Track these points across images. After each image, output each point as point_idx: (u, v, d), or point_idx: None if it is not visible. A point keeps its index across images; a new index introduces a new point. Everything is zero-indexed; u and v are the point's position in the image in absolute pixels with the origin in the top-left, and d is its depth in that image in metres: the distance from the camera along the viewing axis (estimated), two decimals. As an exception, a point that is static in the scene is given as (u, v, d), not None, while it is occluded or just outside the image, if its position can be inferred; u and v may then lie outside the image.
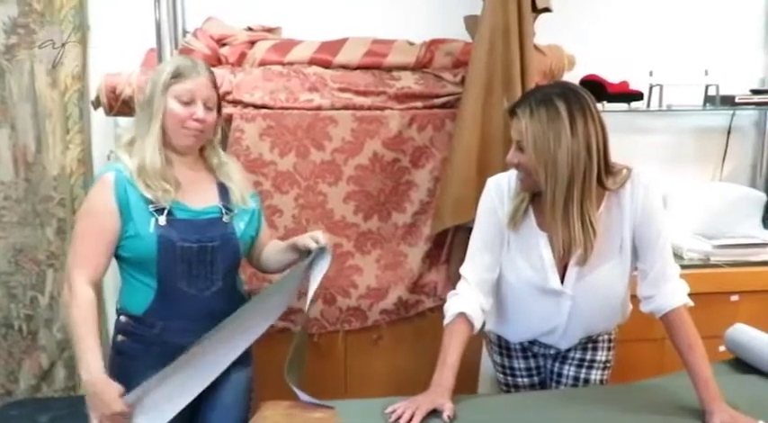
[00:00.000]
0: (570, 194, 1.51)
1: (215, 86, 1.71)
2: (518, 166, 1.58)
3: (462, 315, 1.64)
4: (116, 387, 1.55)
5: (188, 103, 1.64)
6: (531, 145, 1.51)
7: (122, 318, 1.69)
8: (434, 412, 1.51)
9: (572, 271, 1.64)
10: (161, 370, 1.58)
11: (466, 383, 1.89)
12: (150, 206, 1.61)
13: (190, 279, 1.65)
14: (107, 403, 1.54)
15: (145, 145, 1.63)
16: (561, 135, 1.49)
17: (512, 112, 1.57)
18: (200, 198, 1.69)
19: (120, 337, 1.70)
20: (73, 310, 1.57)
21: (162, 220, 1.61)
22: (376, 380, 2.40)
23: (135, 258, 1.63)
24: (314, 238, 1.72)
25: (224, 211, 1.70)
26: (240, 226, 1.73)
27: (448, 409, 1.51)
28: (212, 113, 1.69)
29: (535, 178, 1.54)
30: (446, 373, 1.58)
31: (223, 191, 1.74)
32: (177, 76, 1.63)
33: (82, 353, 1.56)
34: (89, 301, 1.58)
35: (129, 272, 1.67)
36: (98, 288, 1.63)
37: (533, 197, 1.64)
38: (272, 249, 1.86)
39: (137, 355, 1.67)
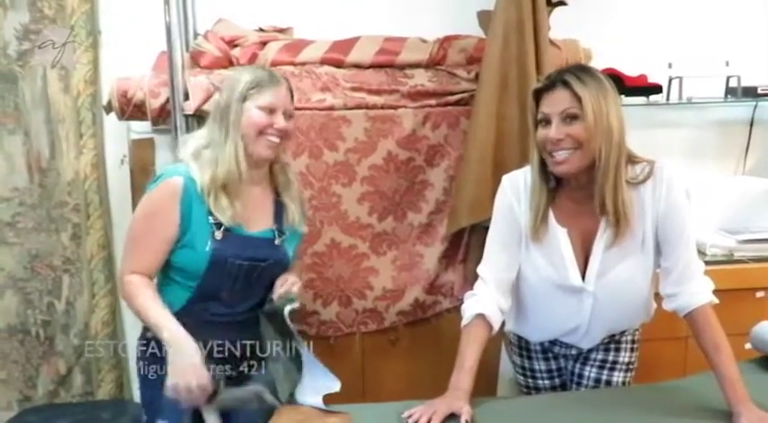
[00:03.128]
0: (620, 162, 1.51)
1: (293, 96, 1.69)
2: (563, 142, 1.51)
3: (480, 316, 1.61)
4: (196, 345, 1.51)
5: (269, 112, 1.61)
6: (590, 110, 1.48)
7: None
8: (452, 416, 1.48)
9: (593, 267, 1.61)
10: None
11: (484, 386, 1.86)
12: (211, 218, 1.59)
13: (232, 291, 1.63)
14: (188, 354, 1.49)
15: (220, 156, 1.59)
16: (609, 100, 1.50)
17: (550, 85, 1.54)
18: (257, 221, 1.67)
19: (150, 333, 1.65)
20: (136, 300, 1.56)
21: (218, 234, 1.58)
22: (394, 382, 2.38)
23: (183, 266, 1.61)
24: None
25: (277, 233, 1.69)
26: (289, 251, 1.71)
27: (466, 412, 1.48)
28: (291, 122, 1.67)
29: (587, 148, 1.49)
30: (464, 375, 1.55)
31: (279, 211, 1.72)
32: (256, 85, 1.61)
33: (157, 321, 1.53)
34: (144, 284, 1.57)
35: (170, 273, 1.64)
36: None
37: (551, 195, 1.60)
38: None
39: (162, 354, 1.61)
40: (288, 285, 1.66)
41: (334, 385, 1.65)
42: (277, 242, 1.68)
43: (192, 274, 1.61)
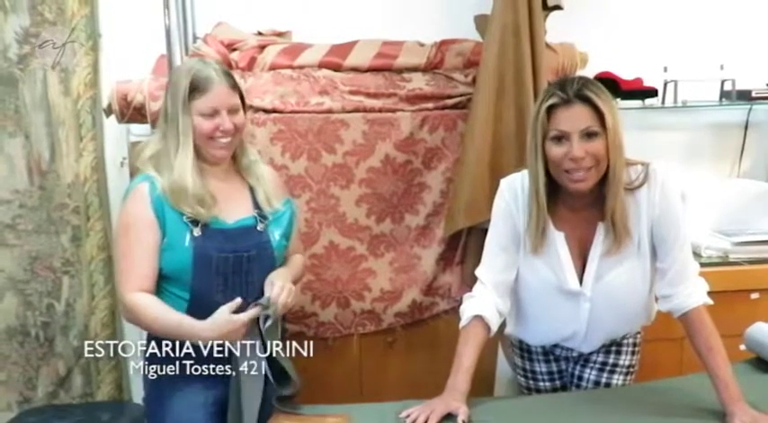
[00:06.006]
0: (623, 174, 1.53)
1: (235, 88, 1.65)
2: (584, 160, 1.48)
3: (478, 318, 1.62)
4: (222, 310, 1.53)
5: (211, 115, 1.60)
6: (612, 125, 1.48)
7: None
8: (449, 416, 1.50)
9: (590, 271, 1.62)
10: (194, 381, 1.58)
11: (481, 386, 1.87)
12: (184, 217, 1.58)
13: (225, 291, 1.60)
14: (231, 324, 1.52)
15: (175, 163, 1.59)
16: (617, 113, 1.51)
17: (567, 101, 1.49)
18: (234, 211, 1.66)
19: (153, 345, 1.63)
20: (146, 319, 1.56)
21: (197, 231, 1.58)
22: (391, 383, 2.39)
23: (169, 270, 1.60)
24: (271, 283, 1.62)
25: (258, 219, 1.68)
26: (275, 235, 1.69)
27: (462, 413, 1.49)
28: (239, 116, 1.65)
29: (603, 164, 1.50)
30: (461, 376, 1.57)
31: (254, 195, 1.71)
32: (194, 89, 1.59)
33: (184, 331, 1.54)
34: (149, 299, 1.57)
35: (162, 284, 1.63)
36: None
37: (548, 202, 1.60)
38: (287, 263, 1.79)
39: (169, 362, 1.61)
40: (277, 291, 1.60)
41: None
42: (260, 228, 1.67)
43: (181, 279, 1.60)
